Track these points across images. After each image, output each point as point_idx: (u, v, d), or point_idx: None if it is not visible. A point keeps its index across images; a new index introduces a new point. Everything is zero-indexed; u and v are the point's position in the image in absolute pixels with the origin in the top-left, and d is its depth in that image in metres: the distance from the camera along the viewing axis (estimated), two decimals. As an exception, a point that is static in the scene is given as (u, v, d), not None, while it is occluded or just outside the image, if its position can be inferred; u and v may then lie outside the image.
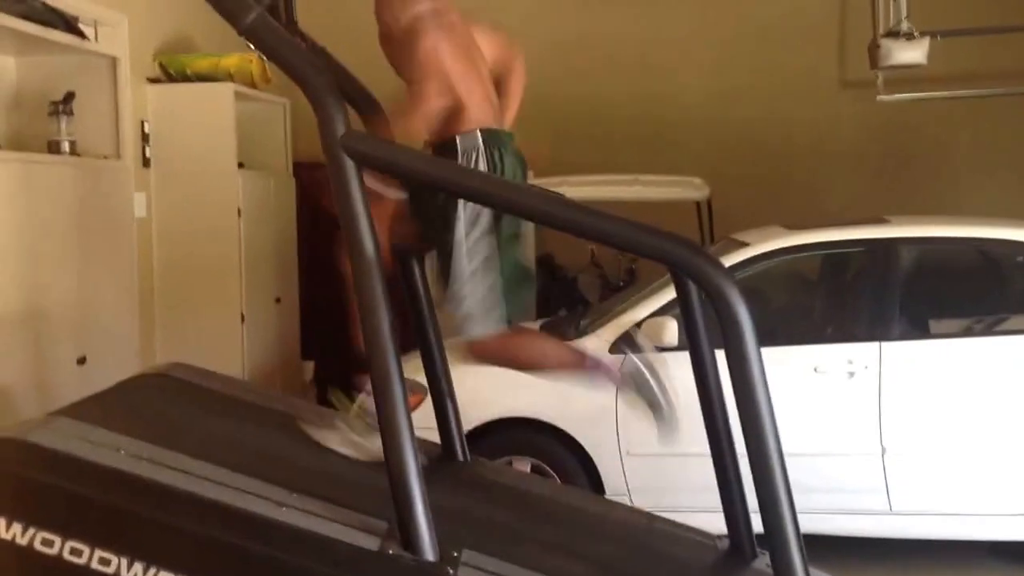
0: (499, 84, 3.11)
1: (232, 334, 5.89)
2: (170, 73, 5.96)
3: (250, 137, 6.26)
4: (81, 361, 4.59)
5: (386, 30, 2.95)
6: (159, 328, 5.77)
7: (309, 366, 6.96)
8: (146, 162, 5.75)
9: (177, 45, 6.16)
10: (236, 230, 5.90)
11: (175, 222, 5.82)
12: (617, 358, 3.03)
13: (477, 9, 3.14)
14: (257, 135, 6.46)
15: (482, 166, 2.88)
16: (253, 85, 6.13)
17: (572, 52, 7.52)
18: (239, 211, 5.90)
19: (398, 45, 2.90)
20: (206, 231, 5.84)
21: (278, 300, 6.55)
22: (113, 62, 5.15)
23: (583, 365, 3.01)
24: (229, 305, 5.90)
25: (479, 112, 2.92)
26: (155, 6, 5.87)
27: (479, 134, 2.89)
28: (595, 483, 4.60)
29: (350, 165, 2.35)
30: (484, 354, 3.05)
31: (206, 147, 5.86)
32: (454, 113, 2.90)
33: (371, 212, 2.39)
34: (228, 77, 5.95)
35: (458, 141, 2.88)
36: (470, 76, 2.93)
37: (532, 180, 6.22)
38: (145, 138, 5.74)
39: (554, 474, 4.58)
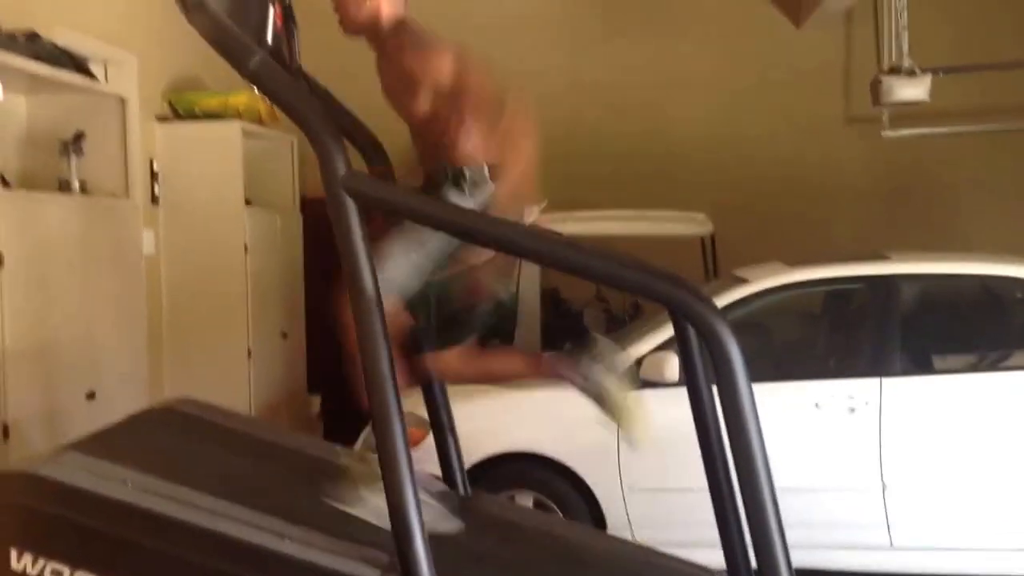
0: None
1: (239, 369, 5.94)
2: (179, 111, 6.06)
3: (257, 174, 6.34)
4: (90, 396, 4.63)
5: (422, 80, 2.92)
6: (167, 363, 5.83)
7: (315, 400, 7.00)
8: (154, 199, 5.83)
9: (186, 83, 6.26)
10: (243, 266, 5.97)
11: (183, 258, 5.89)
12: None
13: (493, 55, 3.18)
14: (264, 172, 6.54)
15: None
16: (261, 122, 6.21)
17: (583, 94, 7.61)
18: (246, 247, 5.97)
19: (450, 95, 2.91)
20: (213, 267, 5.91)
21: (284, 335, 6.61)
22: (122, 102, 5.23)
23: (540, 369, 3.05)
24: (236, 340, 5.95)
25: (487, 148, 2.96)
26: (164, 46, 5.95)
27: (486, 169, 2.93)
28: (597, 517, 4.62)
29: (351, 205, 2.40)
30: (447, 373, 3.11)
31: (214, 184, 5.94)
32: (465, 146, 2.93)
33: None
34: (237, 115, 6.03)
35: (466, 172, 2.92)
36: (482, 113, 2.96)
37: (537, 215, 6.32)
38: (154, 176, 5.83)
39: (556, 508, 4.60)
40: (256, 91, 2.58)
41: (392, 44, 2.95)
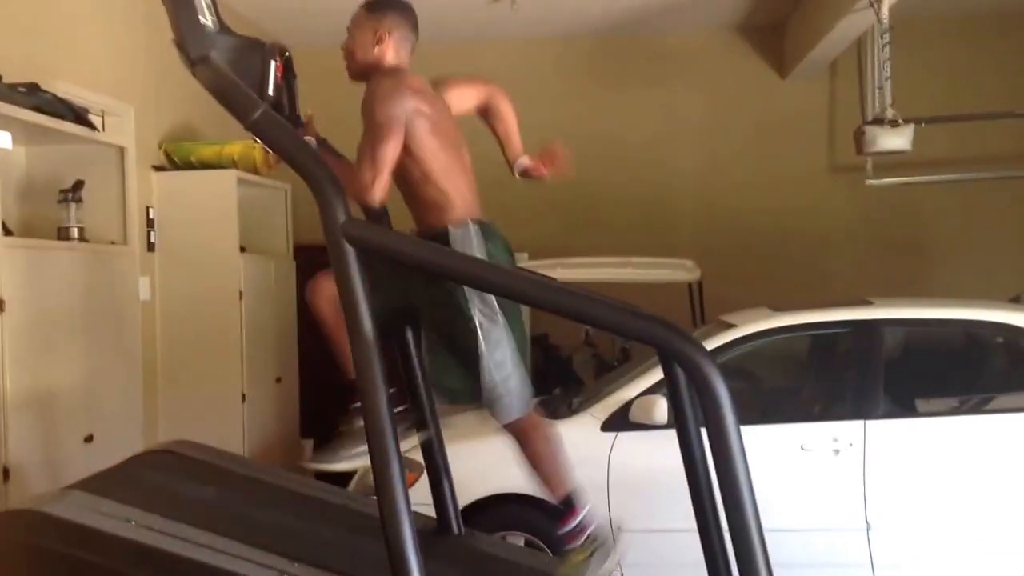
0: (492, 114, 3.23)
1: (233, 413, 6.01)
2: (175, 161, 6.16)
3: (252, 221, 6.44)
4: (88, 439, 4.69)
5: (367, 125, 2.98)
6: (162, 407, 5.88)
7: (309, 444, 7.04)
8: (151, 247, 5.91)
9: (182, 133, 6.37)
10: (238, 312, 6.05)
11: (179, 305, 5.97)
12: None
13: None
14: (259, 219, 6.64)
15: (480, 255, 2.99)
16: (256, 171, 6.30)
17: (576, 144, 7.72)
18: (240, 293, 6.06)
19: (371, 139, 2.93)
20: (208, 313, 5.99)
21: (278, 380, 6.67)
22: (120, 151, 5.32)
23: (568, 499, 3.11)
24: (231, 385, 6.02)
25: (464, 203, 3.03)
26: (160, 96, 6.07)
27: (472, 225, 3.00)
28: (588, 559, 4.67)
29: (350, 251, 2.48)
30: (513, 428, 3.12)
31: (209, 232, 6.04)
32: (442, 204, 3.01)
33: None
34: (232, 164, 6.14)
35: (451, 231, 2.98)
36: (455, 167, 3.05)
37: (528, 260, 6.43)
38: (150, 224, 5.92)
39: (547, 549, 4.64)
40: (258, 142, 2.65)
41: None
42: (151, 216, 5.91)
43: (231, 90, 2.53)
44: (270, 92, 2.76)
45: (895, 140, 6.81)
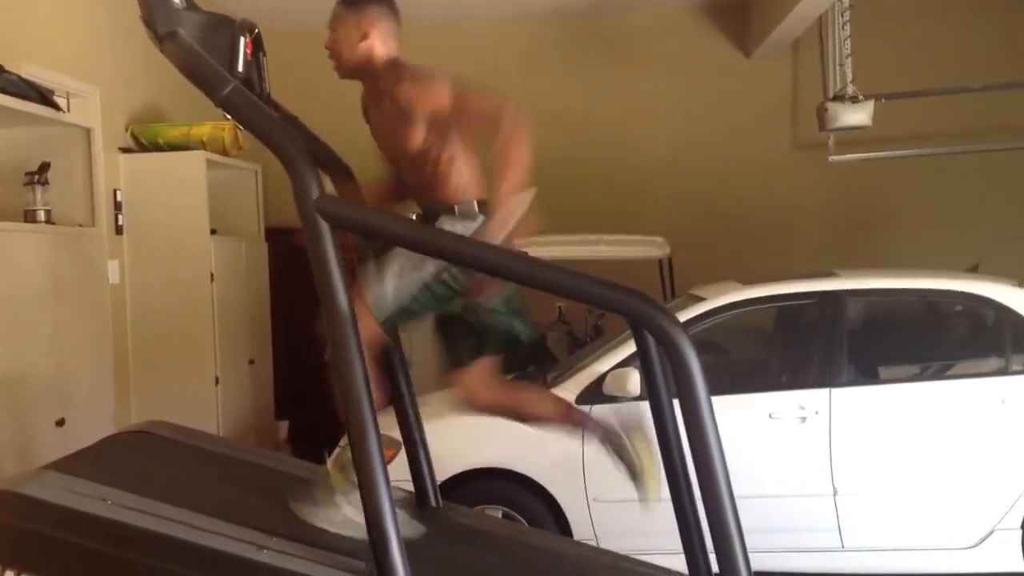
0: (494, 149, 3.09)
1: (207, 396, 5.99)
2: (142, 143, 6.11)
3: (222, 203, 6.40)
4: (60, 423, 4.68)
5: (436, 112, 2.97)
6: (135, 391, 5.86)
7: (283, 426, 7.06)
8: (119, 230, 5.87)
9: (149, 115, 6.32)
10: (209, 294, 6.03)
11: (149, 288, 5.93)
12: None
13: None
14: (229, 201, 6.61)
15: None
16: (225, 152, 6.27)
17: (542, 124, 7.75)
18: (212, 276, 6.04)
19: (460, 113, 2.97)
20: (180, 296, 5.96)
21: (252, 362, 6.67)
22: (87, 133, 5.28)
23: (569, 418, 3.12)
24: (203, 368, 6.00)
25: (477, 182, 3.07)
26: (126, 77, 6.02)
27: (476, 203, 3.03)
28: (564, 530, 4.74)
29: (324, 227, 2.48)
30: (476, 401, 3.17)
31: (179, 214, 5.99)
32: (456, 182, 3.03)
33: None
34: (200, 145, 6.10)
35: (456, 209, 3.02)
36: (471, 148, 3.08)
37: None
38: (118, 206, 5.87)
39: (524, 522, 4.70)
40: (229, 118, 2.65)
41: (387, 81, 3.02)
42: (119, 199, 5.87)
43: (200, 66, 2.52)
44: (240, 68, 2.76)
45: (856, 116, 6.91)
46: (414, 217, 3.19)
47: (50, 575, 2.43)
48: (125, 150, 6.05)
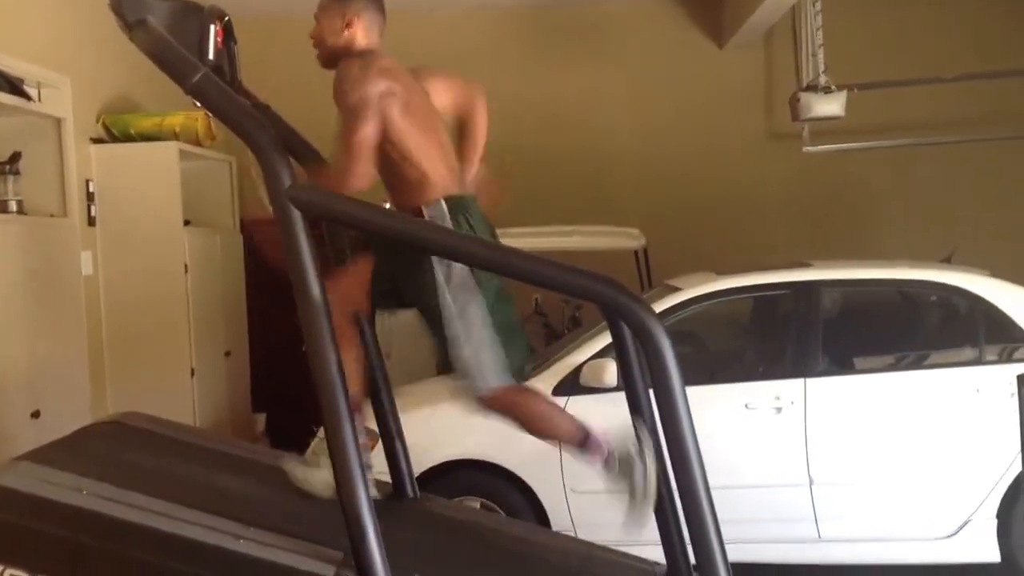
0: (463, 126, 3.24)
1: (183, 388, 5.95)
2: (114, 133, 6.05)
3: (196, 194, 6.35)
4: (35, 415, 4.65)
5: (341, 110, 2.96)
6: (110, 383, 5.81)
7: (260, 418, 7.02)
8: (91, 221, 5.81)
9: (120, 105, 6.26)
10: (184, 286, 5.98)
11: (122, 280, 5.87)
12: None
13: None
14: (203, 192, 6.56)
15: None
16: (198, 143, 6.22)
17: (518, 113, 7.77)
18: (186, 267, 5.99)
19: (345, 125, 2.91)
20: (154, 288, 5.91)
21: (228, 354, 6.64)
22: (58, 123, 5.24)
23: (584, 442, 3.03)
24: (179, 360, 5.96)
25: (442, 180, 3.01)
26: (98, 67, 5.96)
27: (444, 203, 2.97)
28: (541, 521, 4.74)
29: (296, 215, 2.48)
30: (494, 406, 3.07)
31: (152, 205, 5.94)
32: (418, 185, 2.99)
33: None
34: (173, 136, 6.05)
35: (425, 212, 2.96)
36: (430, 145, 3.02)
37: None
38: (90, 197, 5.81)
39: (502, 513, 4.71)
40: (199, 106, 2.63)
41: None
42: (91, 190, 5.81)
43: (170, 53, 2.52)
44: (210, 56, 2.76)
45: (829, 106, 6.95)
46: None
47: (25, 565, 2.41)
48: (97, 140, 5.99)
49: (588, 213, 7.42)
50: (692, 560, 2.85)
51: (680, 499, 2.46)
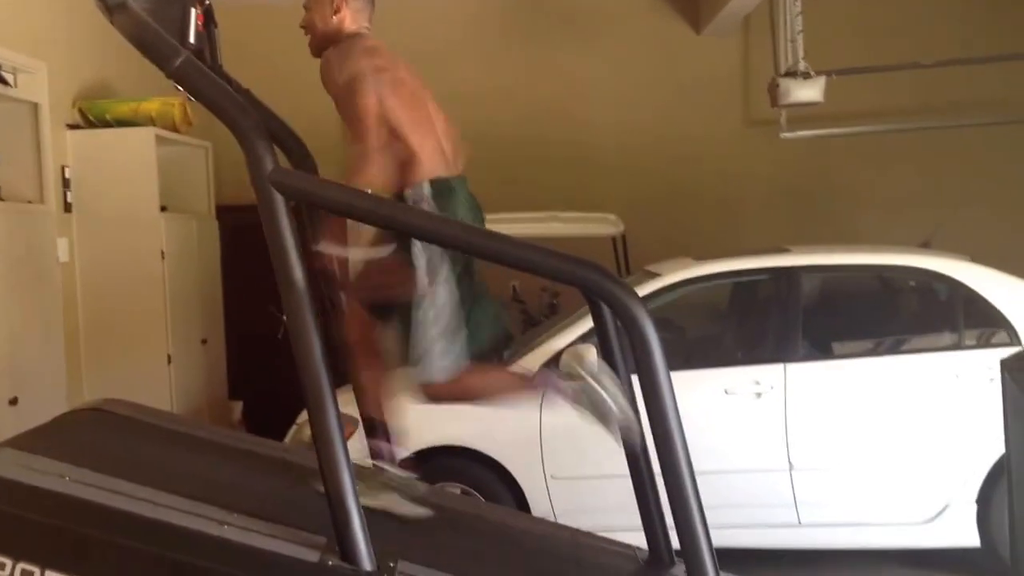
0: None
1: (159, 375, 5.93)
2: (90, 119, 6.00)
3: (173, 180, 6.32)
4: (13, 402, 4.62)
5: (335, 95, 2.97)
6: (86, 370, 5.78)
7: (237, 406, 6.99)
8: (67, 207, 5.77)
9: (96, 91, 6.20)
10: (160, 273, 5.95)
11: (99, 266, 5.84)
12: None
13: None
14: (180, 178, 6.52)
15: None
16: (175, 129, 6.18)
17: (497, 100, 7.76)
18: (163, 254, 5.96)
19: (346, 107, 2.94)
20: (130, 274, 5.87)
21: (204, 341, 6.60)
22: (35, 108, 5.19)
23: (531, 385, 3.05)
24: (155, 347, 5.93)
25: (430, 162, 2.98)
26: (73, 53, 5.90)
27: (426, 185, 2.95)
28: (522, 507, 4.75)
29: (279, 199, 2.46)
30: (436, 394, 3.07)
31: (128, 191, 5.90)
32: (405, 165, 2.95)
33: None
34: (149, 121, 6.00)
35: (407, 195, 2.95)
36: (421, 125, 2.99)
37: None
38: (66, 183, 5.77)
39: (482, 499, 4.71)
40: (181, 91, 2.61)
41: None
42: (67, 176, 5.76)
43: (151, 37, 2.49)
44: (191, 40, 2.73)
45: (808, 92, 6.96)
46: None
47: (7, 552, 2.38)
48: (73, 126, 5.93)
49: (566, 200, 7.42)
50: (674, 545, 2.89)
51: (664, 482, 2.46)
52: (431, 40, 7.33)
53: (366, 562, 2.40)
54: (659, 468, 2.47)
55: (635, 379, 2.52)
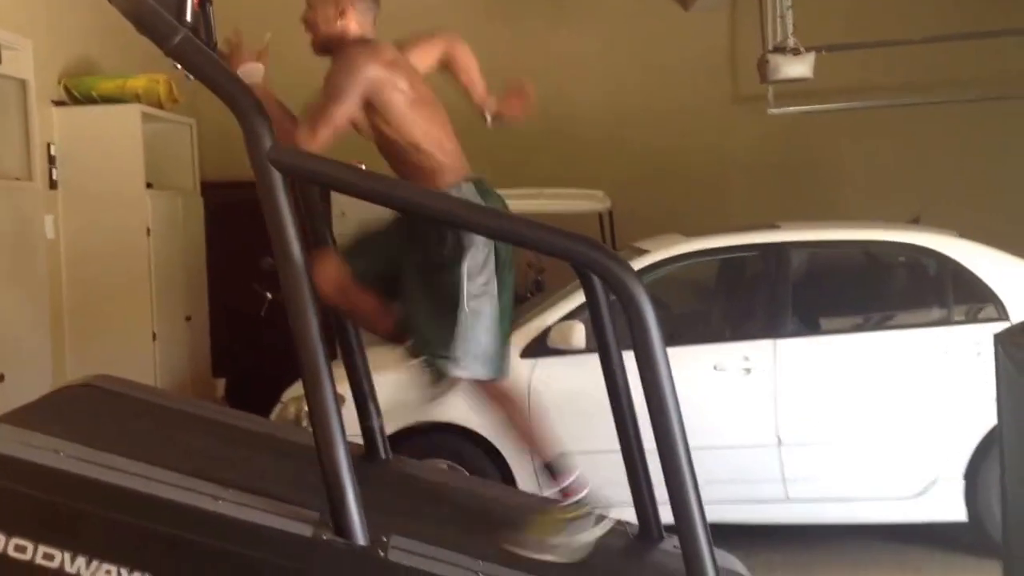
0: (455, 70, 3.22)
1: (144, 352, 5.92)
2: (76, 96, 5.96)
3: (158, 157, 6.29)
4: (-1, 379, 4.61)
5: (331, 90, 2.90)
6: (71, 347, 5.76)
7: (221, 383, 6.98)
8: (53, 184, 5.73)
9: (81, 68, 6.16)
10: (145, 249, 5.94)
11: (84, 243, 5.82)
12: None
13: (391, 32, 3.25)
14: (165, 155, 6.48)
15: None
16: (160, 106, 6.14)
17: (484, 77, 7.71)
18: (148, 231, 5.94)
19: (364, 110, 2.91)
20: (115, 251, 5.86)
21: (188, 318, 6.59)
22: (22, 85, 5.16)
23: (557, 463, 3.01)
24: (140, 324, 5.92)
25: (453, 162, 2.99)
26: (59, 29, 5.86)
27: (468, 186, 2.94)
28: (508, 482, 4.75)
29: (277, 176, 2.47)
30: (493, 400, 3.09)
31: (114, 168, 5.88)
32: (435, 169, 2.94)
33: None
34: (135, 98, 5.98)
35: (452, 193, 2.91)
36: (437, 129, 2.99)
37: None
38: (51, 160, 5.73)
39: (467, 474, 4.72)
40: (179, 68, 2.60)
41: None
42: (52, 153, 5.72)
43: (149, 15, 2.48)
44: (188, 18, 2.72)
45: (797, 68, 6.95)
46: None
47: (3, 528, 2.38)
48: (58, 103, 5.89)
49: (552, 176, 7.40)
50: (663, 521, 2.91)
51: (660, 456, 2.47)
52: (415, 18, 7.26)
53: (360, 536, 2.42)
54: (653, 442, 2.48)
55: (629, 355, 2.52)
